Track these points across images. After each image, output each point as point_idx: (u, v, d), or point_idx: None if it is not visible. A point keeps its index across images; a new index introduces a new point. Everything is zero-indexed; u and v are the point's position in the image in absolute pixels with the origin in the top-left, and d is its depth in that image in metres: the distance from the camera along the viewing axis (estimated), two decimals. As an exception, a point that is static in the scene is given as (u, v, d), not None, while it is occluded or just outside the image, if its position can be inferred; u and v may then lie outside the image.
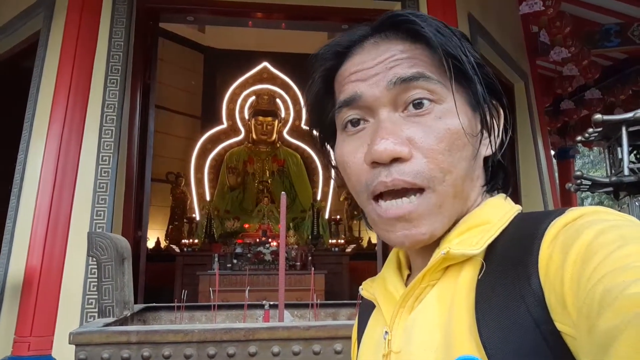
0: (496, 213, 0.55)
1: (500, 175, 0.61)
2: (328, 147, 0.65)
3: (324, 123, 0.63)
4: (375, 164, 0.53)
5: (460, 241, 0.52)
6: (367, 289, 0.64)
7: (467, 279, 0.50)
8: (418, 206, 0.52)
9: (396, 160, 0.51)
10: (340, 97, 0.58)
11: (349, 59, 0.58)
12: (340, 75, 0.59)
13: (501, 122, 0.60)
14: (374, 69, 0.55)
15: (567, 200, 7.27)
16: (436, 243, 0.55)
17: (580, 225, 0.44)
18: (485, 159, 0.59)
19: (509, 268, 0.47)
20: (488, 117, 0.56)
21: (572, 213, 0.47)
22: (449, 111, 0.53)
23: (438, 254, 0.52)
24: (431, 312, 0.52)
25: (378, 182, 0.53)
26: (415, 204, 0.52)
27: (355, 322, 0.73)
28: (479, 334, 0.45)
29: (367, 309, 0.68)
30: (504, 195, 0.59)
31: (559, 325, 0.41)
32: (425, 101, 0.53)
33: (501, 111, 0.60)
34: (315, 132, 0.66)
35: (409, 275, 0.62)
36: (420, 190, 0.52)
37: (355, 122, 0.56)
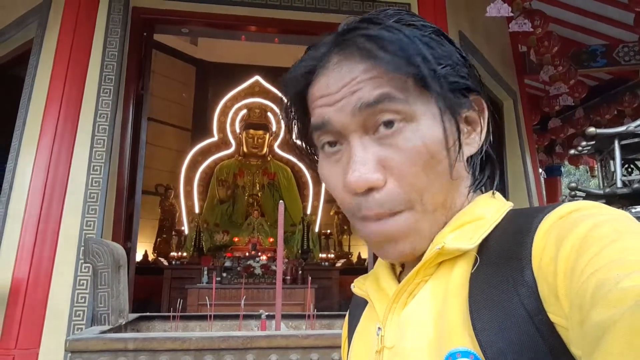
0: (489, 209, 0.55)
1: (488, 171, 0.60)
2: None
3: (307, 137, 0.63)
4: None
5: (455, 236, 0.52)
6: (359, 286, 0.64)
7: (460, 273, 0.50)
8: (398, 226, 0.53)
9: (372, 188, 0.52)
10: (312, 120, 0.58)
11: (316, 80, 0.57)
12: (311, 95, 0.58)
13: (485, 116, 0.58)
14: (339, 93, 0.53)
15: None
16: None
17: (575, 219, 0.44)
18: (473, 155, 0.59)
19: (503, 261, 0.47)
20: (454, 132, 0.53)
21: (566, 207, 0.47)
22: (420, 130, 0.52)
23: (433, 249, 0.52)
24: (424, 307, 0.52)
25: (362, 213, 0.54)
26: (395, 224, 0.53)
27: (345, 320, 0.72)
28: (473, 326, 0.45)
29: (358, 306, 0.67)
30: (492, 192, 0.59)
31: (551, 317, 0.41)
32: (394, 121, 0.52)
33: (483, 104, 0.58)
34: (301, 145, 0.65)
35: (401, 272, 0.62)
36: (399, 212, 0.53)
37: (332, 143, 0.56)
